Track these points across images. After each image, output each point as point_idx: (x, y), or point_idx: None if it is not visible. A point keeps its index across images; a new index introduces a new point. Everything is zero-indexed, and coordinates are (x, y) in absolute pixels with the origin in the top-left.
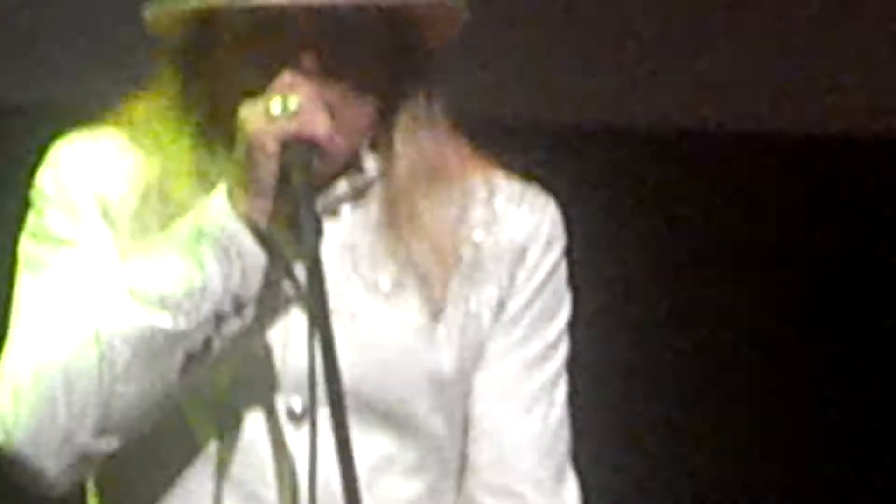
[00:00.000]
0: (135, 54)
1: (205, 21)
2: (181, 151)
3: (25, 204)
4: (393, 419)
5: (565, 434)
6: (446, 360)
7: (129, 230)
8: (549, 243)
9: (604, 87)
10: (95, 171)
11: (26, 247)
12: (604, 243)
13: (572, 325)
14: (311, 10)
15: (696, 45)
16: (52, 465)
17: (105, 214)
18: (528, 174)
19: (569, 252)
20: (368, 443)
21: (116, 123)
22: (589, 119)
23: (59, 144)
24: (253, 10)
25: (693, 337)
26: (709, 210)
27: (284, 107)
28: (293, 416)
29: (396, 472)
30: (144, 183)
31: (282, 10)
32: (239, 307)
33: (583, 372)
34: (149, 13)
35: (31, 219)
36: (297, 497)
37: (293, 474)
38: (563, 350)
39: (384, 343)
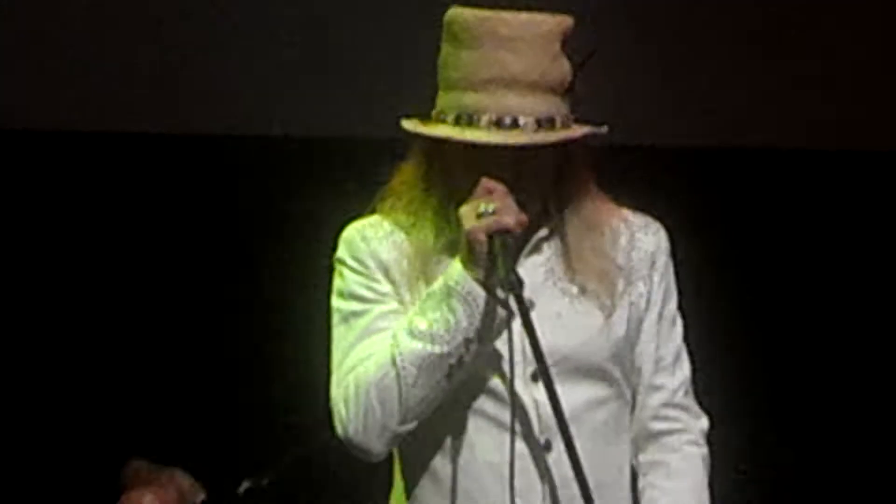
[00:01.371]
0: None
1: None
2: (429, 227)
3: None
4: (590, 373)
5: (690, 370)
6: (619, 334)
7: (404, 284)
8: (665, 251)
9: None
10: (376, 246)
11: (337, 303)
12: None
13: None
14: (508, 147)
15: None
16: (374, 444)
17: (386, 275)
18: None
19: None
20: (577, 389)
21: (384, 206)
22: None
23: (349, 228)
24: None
25: None
26: None
27: (486, 209)
28: (511, 384)
29: (594, 405)
30: (409, 252)
31: (492, 146)
32: (479, 335)
33: None
34: (406, 124)
35: (337, 282)
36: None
37: (525, 414)
38: (679, 315)
39: (579, 330)
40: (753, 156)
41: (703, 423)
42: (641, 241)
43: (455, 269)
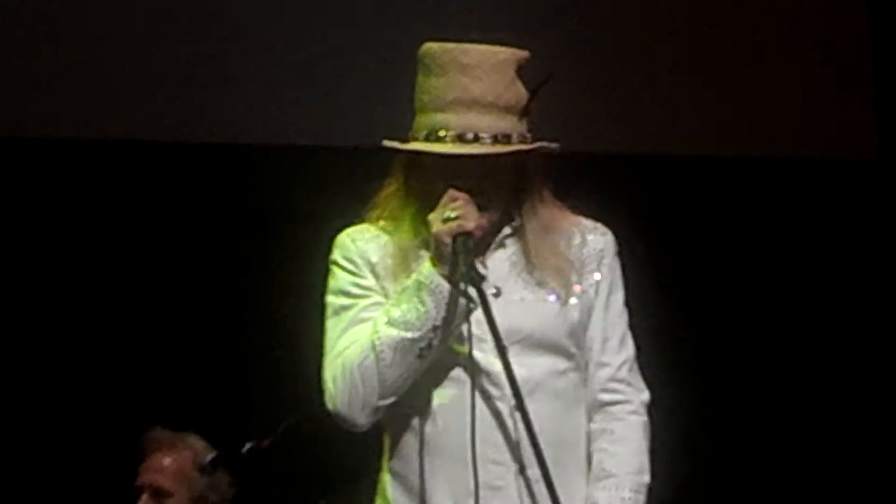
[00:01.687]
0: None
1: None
2: (408, 229)
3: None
4: (550, 348)
5: (633, 351)
6: (574, 317)
7: (388, 279)
8: (612, 250)
9: None
10: (363, 246)
11: (329, 299)
12: None
13: None
14: (466, 157)
15: None
16: (358, 417)
17: (373, 271)
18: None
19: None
20: (539, 361)
21: (371, 215)
22: None
23: (341, 233)
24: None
25: None
26: None
27: (450, 215)
28: (471, 357)
29: (555, 375)
30: (392, 251)
31: (449, 155)
32: (447, 322)
33: None
34: (386, 143)
35: (330, 281)
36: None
37: (491, 382)
38: (625, 305)
39: (539, 313)
40: (689, 163)
41: (645, 395)
42: (591, 240)
43: (425, 266)
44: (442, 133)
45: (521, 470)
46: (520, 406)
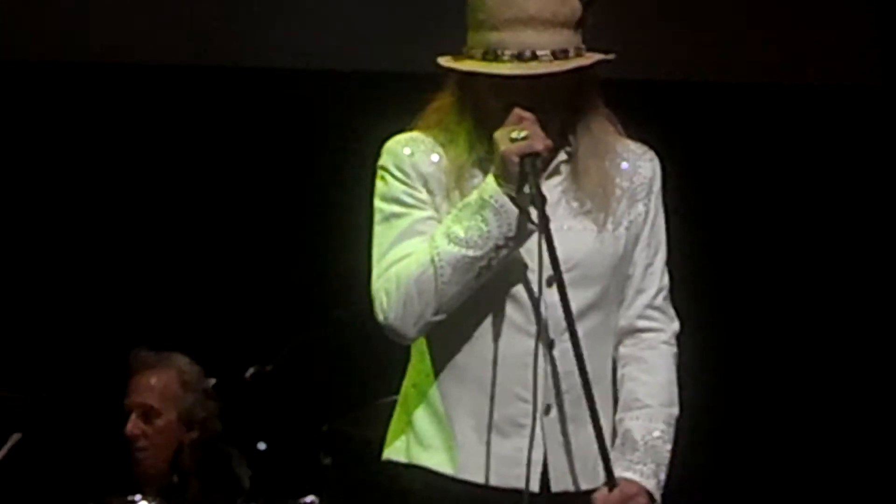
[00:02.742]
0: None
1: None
2: (463, 145)
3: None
4: (594, 280)
5: (668, 281)
6: (619, 246)
7: (440, 193)
8: (659, 178)
9: None
10: (418, 159)
11: (380, 205)
12: None
13: None
14: (527, 77)
15: None
16: (409, 330)
17: (425, 186)
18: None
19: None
20: (581, 293)
21: (423, 125)
22: None
23: (392, 140)
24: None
25: None
26: None
27: (518, 135)
28: (529, 289)
29: (593, 308)
30: (446, 166)
31: (513, 77)
32: (507, 241)
33: None
34: (441, 60)
35: (380, 186)
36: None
37: (539, 310)
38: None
39: (586, 242)
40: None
41: (676, 325)
42: (642, 167)
43: (489, 184)
44: (500, 52)
45: (547, 409)
46: (573, 340)
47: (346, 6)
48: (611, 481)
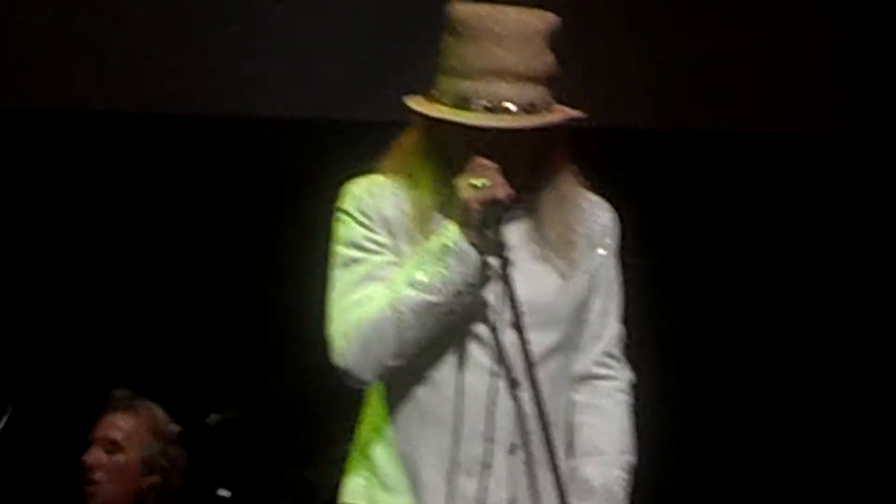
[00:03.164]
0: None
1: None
2: (426, 189)
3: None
4: (554, 324)
5: (624, 332)
6: (580, 291)
7: (402, 237)
8: (617, 227)
9: None
10: (380, 202)
11: (339, 249)
12: None
13: None
14: (497, 130)
15: None
16: (367, 375)
17: (387, 228)
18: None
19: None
20: (542, 338)
21: (386, 167)
22: None
23: (353, 182)
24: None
25: None
26: None
27: (481, 184)
28: (492, 330)
29: (553, 352)
30: (408, 209)
31: (483, 128)
32: (469, 287)
33: None
34: (410, 103)
35: (341, 229)
36: (501, 356)
37: (495, 356)
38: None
39: (548, 287)
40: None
41: (631, 374)
42: (600, 216)
43: (451, 230)
44: (471, 102)
45: (512, 449)
46: (532, 381)
47: (313, 55)
48: None
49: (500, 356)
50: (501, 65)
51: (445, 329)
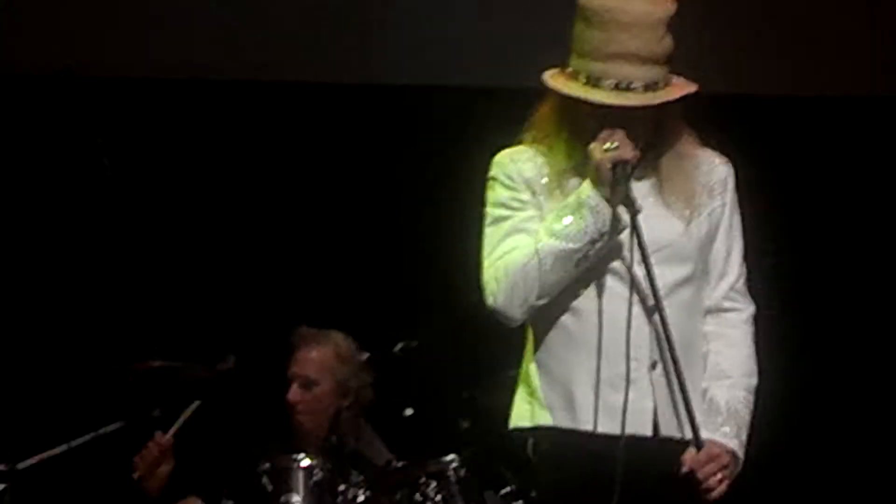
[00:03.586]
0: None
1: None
2: (561, 154)
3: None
4: (681, 259)
5: (746, 271)
6: (702, 233)
7: (543, 194)
8: (733, 178)
9: None
10: (522, 165)
11: (489, 210)
12: None
13: None
14: (623, 108)
15: None
16: (515, 312)
17: (529, 188)
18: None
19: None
20: (672, 270)
21: (526, 137)
22: None
23: (500, 154)
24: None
25: None
26: None
27: (610, 146)
28: (626, 265)
29: (682, 283)
30: (547, 171)
31: (611, 106)
32: (601, 235)
33: None
34: (548, 80)
35: (490, 193)
36: (633, 286)
37: (636, 287)
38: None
39: (672, 228)
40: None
41: (753, 308)
42: (717, 169)
43: (586, 187)
44: (601, 81)
45: (653, 365)
46: (658, 308)
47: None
48: (698, 443)
49: (637, 287)
50: (627, 49)
51: (582, 272)
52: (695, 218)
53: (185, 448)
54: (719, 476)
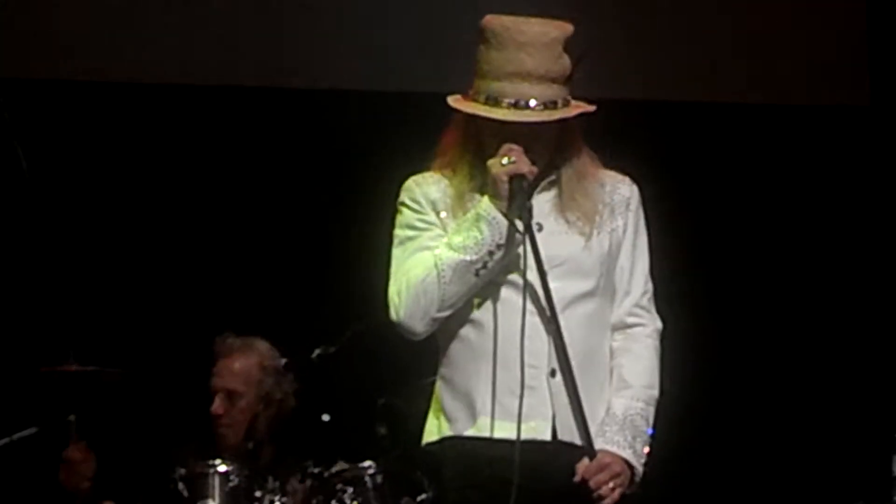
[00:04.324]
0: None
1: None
2: (464, 176)
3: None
4: (581, 274)
5: (651, 286)
6: (603, 250)
7: (448, 215)
8: (637, 198)
9: None
10: (426, 189)
11: (397, 232)
12: None
13: None
14: (520, 124)
15: None
16: (419, 325)
17: (434, 209)
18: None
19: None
20: (572, 285)
21: (434, 165)
22: None
23: (408, 179)
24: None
25: None
26: None
27: (508, 161)
28: (523, 277)
29: (583, 298)
30: (450, 193)
31: (509, 122)
32: (498, 247)
33: None
34: (450, 101)
35: (398, 217)
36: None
37: (535, 299)
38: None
39: (573, 244)
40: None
41: (659, 324)
42: (620, 189)
43: (483, 201)
44: (500, 99)
45: (552, 373)
46: (553, 318)
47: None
48: (591, 452)
49: (535, 299)
50: (524, 68)
51: (481, 284)
52: (594, 235)
53: (100, 453)
54: (611, 485)
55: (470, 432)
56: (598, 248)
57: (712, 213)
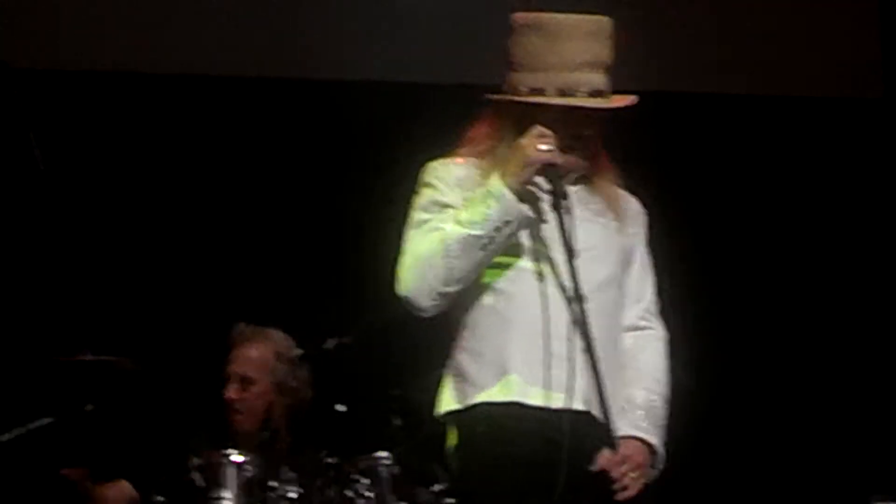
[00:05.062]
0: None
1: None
2: (489, 166)
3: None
4: (605, 261)
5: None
6: (626, 241)
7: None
8: (646, 219)
9: None
10: (455, 170)
11: (413, 214)
12: None
13: None
14: (605, 110)
15: None
16: (425, 301)
17: (459, 186)
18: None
19: None
20: (600, 269)
21: (461, 151)
22: None
23: (432, 161)
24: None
25: None
26: None
27: (546, 148)
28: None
29: (609, 284)
30: (477, 175)
31: (596, 109)
32: (505, 223)
33: None
34: (493, 97)
35: (416, 198)
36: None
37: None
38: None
39: (601, 231)
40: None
41: (666, 333)
42: (632, 203)
43: (494, 179)
44: (575, 91)
45: (582, 350)
46: (578, 299)
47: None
48: (612, 443)
49: (561, 279)
50: (599, 58)
51: (488, 262)
52: (618, 231)
53: (117, 440)
54: (634, 475)
55: (502, 398)
56: (620, 244)
57: (725, 205)
